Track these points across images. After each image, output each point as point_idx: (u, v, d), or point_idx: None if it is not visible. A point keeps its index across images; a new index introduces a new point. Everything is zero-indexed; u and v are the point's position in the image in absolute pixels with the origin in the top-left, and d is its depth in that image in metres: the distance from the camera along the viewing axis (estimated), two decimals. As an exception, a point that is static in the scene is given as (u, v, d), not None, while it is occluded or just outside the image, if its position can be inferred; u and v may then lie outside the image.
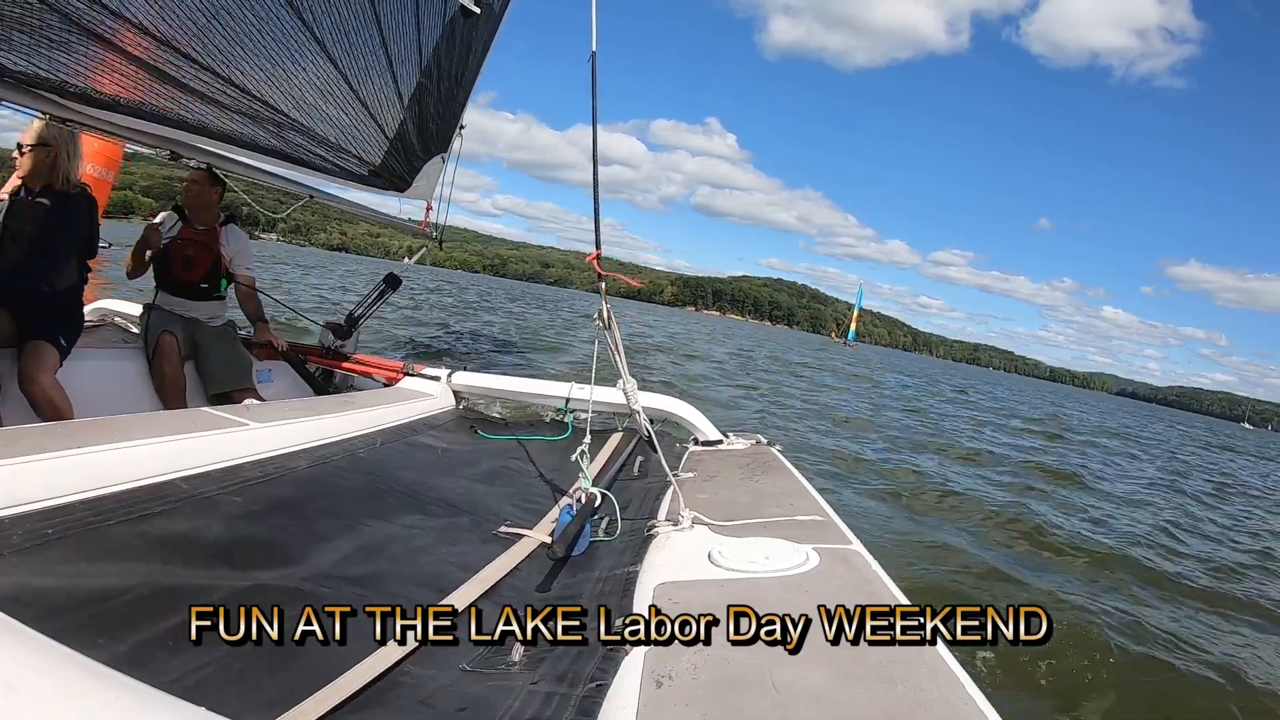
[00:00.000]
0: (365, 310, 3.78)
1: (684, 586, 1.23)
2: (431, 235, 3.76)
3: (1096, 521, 5.52)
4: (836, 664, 0.91)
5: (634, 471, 2.41)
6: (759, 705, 0.83)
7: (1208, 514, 7.16)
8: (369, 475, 1.93)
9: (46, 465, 1.29)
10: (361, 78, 2.73)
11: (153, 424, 1.68)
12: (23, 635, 0.67)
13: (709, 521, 1.58)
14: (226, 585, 1.18)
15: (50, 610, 0.96)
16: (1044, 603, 3.25)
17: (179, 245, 3.05)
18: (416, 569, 1.46)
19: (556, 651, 1.13)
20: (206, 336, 3.02)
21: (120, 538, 1.21)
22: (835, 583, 1.21)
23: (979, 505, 5.21)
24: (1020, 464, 8.00)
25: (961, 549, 3.99)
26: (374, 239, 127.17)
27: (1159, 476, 9.83)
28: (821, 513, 1.66)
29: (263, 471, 1.67)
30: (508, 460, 2.45)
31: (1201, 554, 5.07)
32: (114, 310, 3.51)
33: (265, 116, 2.47)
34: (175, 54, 2.02)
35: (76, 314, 2.56)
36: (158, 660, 0.93)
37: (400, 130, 3.11)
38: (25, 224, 2.39)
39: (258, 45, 2.25)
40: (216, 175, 3.02)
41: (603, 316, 1.76)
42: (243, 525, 1.40)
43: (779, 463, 2.23)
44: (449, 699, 1.01)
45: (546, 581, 1.50)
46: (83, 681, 0.61)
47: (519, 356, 10.00)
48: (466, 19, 3.10)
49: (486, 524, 1.80)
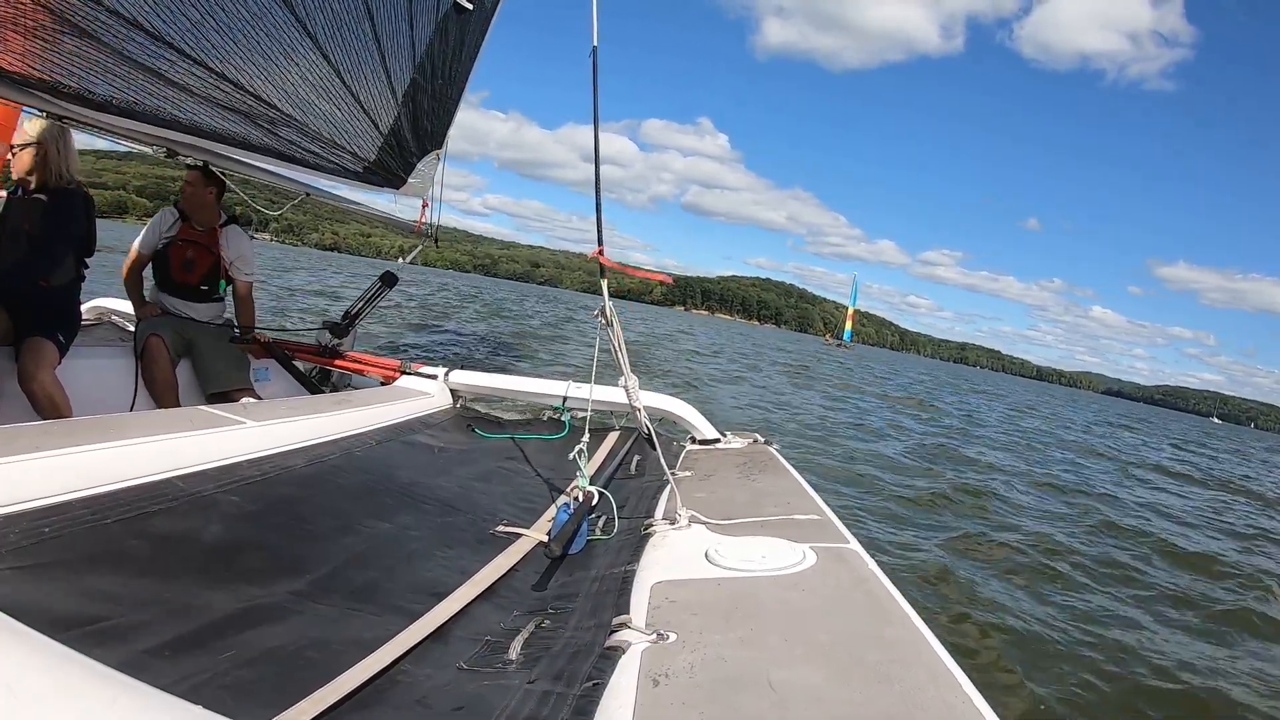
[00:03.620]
0: (362, 308, 3.76)
1: (681, 585, 1.23)
2: (427, 233, 3.74)
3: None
4: (834, 663, 0.92)
5: (631, 470, 2.41)
6: (756, 704, 0.83)
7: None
8: (366, 474, 1.93)
9: (43, 463, 1.28)
10: (355, 73, 2.71)
11: (150, 422, 1.67)
12: (22, 635, 0.67)
13: (706, 520, 1.58)
14: (223, 585, 1.18)
15: (48, 609, 0.96)
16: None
17: (179, 246, 3.02)
18: (413, 568, 1.46)
19: (553, 650, 1.13)
20: (203, 336, 3.00)
21: (117, 536, 1.21)
22: (832, 581, 1.22)
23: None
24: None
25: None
26: (365, 239, 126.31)
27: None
28: (819, 512, 1.66)
29: (260, 470, 1.66)
30: (505, 459, 2.45)
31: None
32: (110, 309, 3.49)
33: (259, 112, 2.45)
34: (169, 49, 2.01)
35: (74, 312, 2.55)
36: (156, 659, 0.93)
37: (395, 126, 3.09)
38: (22, 221, 2.39)
39: (251, 40, 2.23)
40: (212, 174, 2.99)
41: (605, 313, 1.76)
42: (240, 524, 1.40)
43: (776, 461, 2.24)
44: (446, 698, 1.01)
45: (543, 580, 1.50)
46: (82, 681, 0.61)
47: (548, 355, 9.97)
48: (459, 15, 3.08)
49: (483, 523, 1.80)
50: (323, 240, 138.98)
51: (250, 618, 1.10)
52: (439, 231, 3.81)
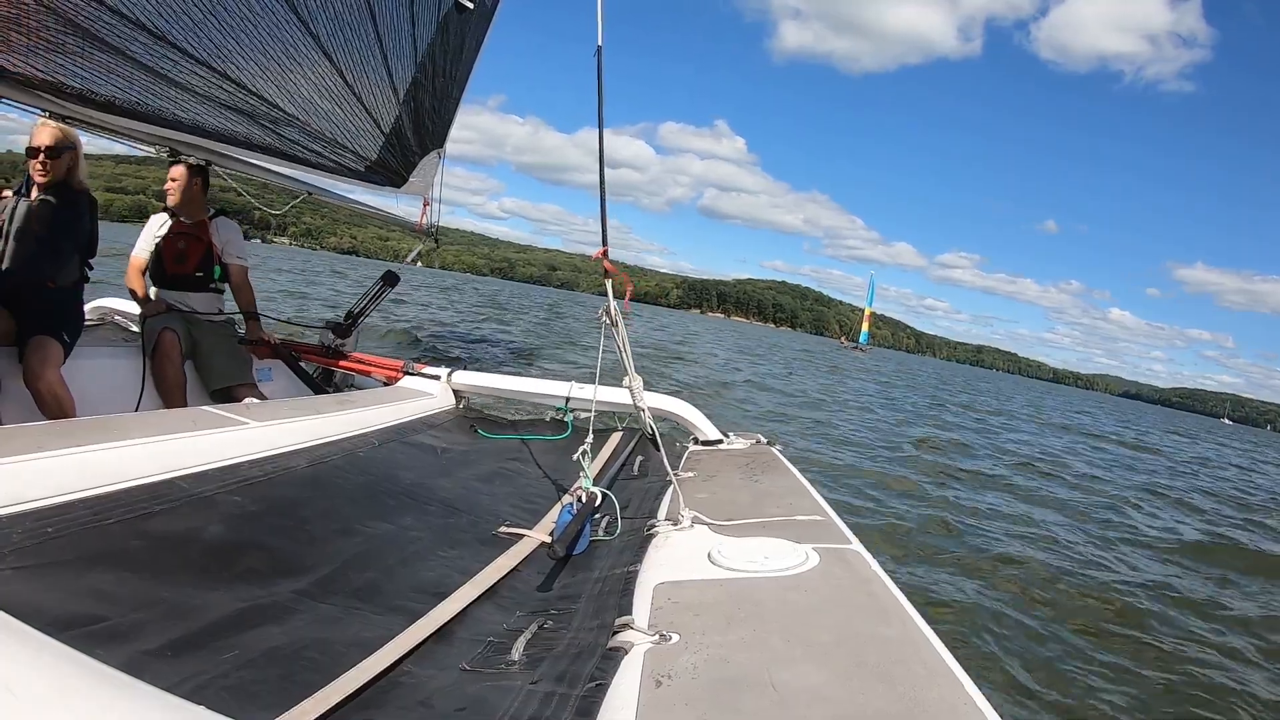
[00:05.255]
0: (365, 308, 3.76)
1: (684, 586, 1.23)
2: (428, 232, 3.74)
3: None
4: (836, 664, 0.92)
5: (634, 471, 2.41)
6: (758, 705, 0.83)
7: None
8: (368, 475, 1.93)
9: (46, 464, 1.29)
10: (357, 73, 2.72)
11: (152, 423, 1.68)
12: (22, 634, 0.66)
13: (709, 521, 1.58)
14: (225, 585, 1.18)
15: (50, 609, 0.96)
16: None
17: (170, 239, 3.04)
18: (416, 569, 1.46)
19: (556, 651, 1.13)
20: (205, 333, 3.01)
21: (119, 536, 1.21)
22: (834, 582, 1.21)
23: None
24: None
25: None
26: (383, 242, 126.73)
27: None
28: (821, 512, 1.66)
29: (262, 471, 1.66)
30: (508, 460, 2.45)
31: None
32: (113, 309, 3.50)
33: (262, 112, 2.46)
34: (171, 49, 2.01)
35: (78, 312, 2.57)
36: (158, 660, 0.93)
37: (396, 125, 3.10)
38: (32, 222, 2.39)
39: (253, 40, 2.24)
40: (195, 165, 2.99)
41: (610, 314, 1.75)
42: (242, 525, 1.40)
43: (779, 462, 2.24)
44: (448, 699, 1.01)
45: (546, 581, 1.50)
46: (83, 681, 0.61)
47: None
48: (460, 15, 3.09)
49: (486, 524, 1.80)
50: (340, 244, 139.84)
51: (252, 618, 1.10)
52: (452, 236, 3.82)
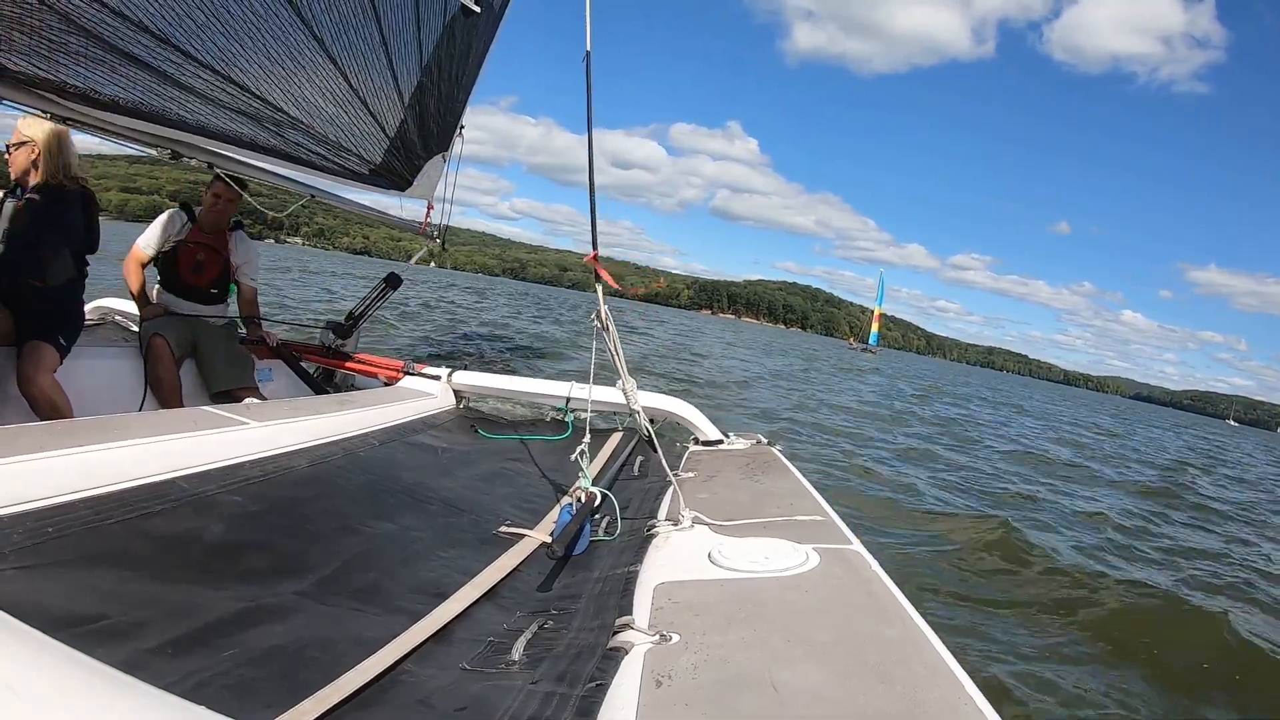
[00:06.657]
0: (366, 309, 3.77)
1: (684, 586, 1.23)
2: (432, 235, 3.75)
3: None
4: (836, 664, 0.91)
5: (634, 471, 2.41)
6: (758, 705, 0.83)
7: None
8: (369, 475, 1.93)
9: (47, 464, 1.29)
10: (361, 76, 2.72)
11: (153, 423, 1.68)
12: (23, 634, 0.66)
13: (709, 521, 1.58)
14: (226, 585, 1.18)
15: (51, 609, 0.96)
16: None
17: (189, 249, 3.06)
18: (416, 569, 1.46)
19: (556, 651, 1.13)
20: (208, 335, 3.02)
21: (120, 536, 1.21)
22: (835, 582, 1.21)
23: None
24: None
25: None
26: (395, 243, 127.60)
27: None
28: (822, 513, 1.66)
29: (262, 471, 1.66)
30: (508, 460, 2.45)
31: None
32: (114, 309, 3.50)
33: (265, 115, 2.46)
34: (175, 51, 2.02)
35: (76, 313, 2.55)
36: (158, 659, 0.93)
37: (401, 129, 3.10)
38: (18, 221, 2.40)
39: (257, 43, 2.24)
40: (238, 187, 3.02)
41: (600, 316, 1.76)
42: (242, 525, 1.40)
43: (779, 462, 2.23)
44: (449, 698, 1.01)
45: (547, 581, 1.50)
46: (84, 681, 0.61)
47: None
48: (466, 18, 3.09)
49: (486, 524, 1.80)
50: (353, 244, 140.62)
51: (253, 617, 1.10)
52: (464, 236, 3.83)
